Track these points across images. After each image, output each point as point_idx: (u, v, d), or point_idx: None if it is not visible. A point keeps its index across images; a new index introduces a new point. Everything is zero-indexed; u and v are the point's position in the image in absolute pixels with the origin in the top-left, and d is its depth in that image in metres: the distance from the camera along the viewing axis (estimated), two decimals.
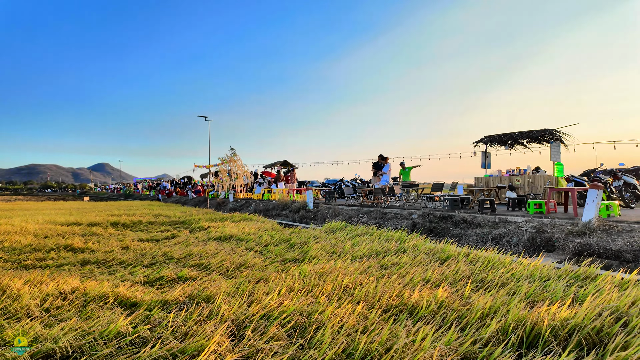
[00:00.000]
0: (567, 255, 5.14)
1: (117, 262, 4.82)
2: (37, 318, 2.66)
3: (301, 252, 5.23)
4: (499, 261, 4.20)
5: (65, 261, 4.86)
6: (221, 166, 22.58)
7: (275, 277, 3.72)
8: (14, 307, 2.80)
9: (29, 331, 2.29)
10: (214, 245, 5.79)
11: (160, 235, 7.32)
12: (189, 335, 2.32)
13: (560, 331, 2.35)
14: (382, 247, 5.25)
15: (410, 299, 2.92)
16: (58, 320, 2.63)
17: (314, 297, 3.07)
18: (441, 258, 4.53)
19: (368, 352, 2.13)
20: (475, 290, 3.30)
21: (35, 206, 20.32)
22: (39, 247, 5.86)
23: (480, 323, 2.53)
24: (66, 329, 2.34)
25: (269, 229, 7.80)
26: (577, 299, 2.94)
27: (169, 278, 3.90)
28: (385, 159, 13.18)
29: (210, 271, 4.26)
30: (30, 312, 2.76)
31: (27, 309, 2.79)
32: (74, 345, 2.16)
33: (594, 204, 5.85)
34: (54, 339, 2.20)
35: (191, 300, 3.05)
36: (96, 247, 5.88)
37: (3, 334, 2.31)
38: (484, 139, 12.68)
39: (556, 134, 11.26)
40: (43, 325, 2.46)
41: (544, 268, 3.83)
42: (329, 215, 10.58)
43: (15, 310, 2.77)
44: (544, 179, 10.69)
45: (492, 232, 6.47)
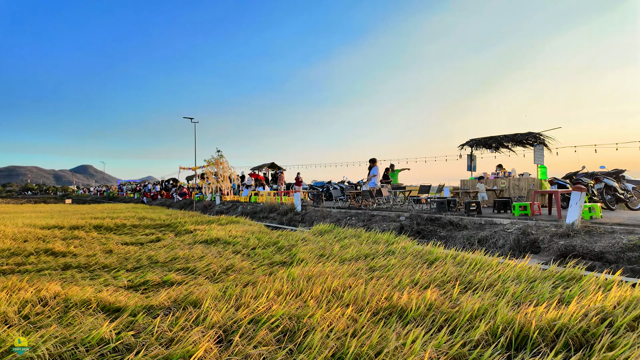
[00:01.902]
0: (552, 256, 5.22)
1: (100, 266, 4.70)
2: (15, 325, 2.55)
3: (289, 255, 5.19)
4: (486, 263, 4.24)
5: (45, 266, 4.71)
6: (207, 168, 22.32)
7: (264, 280, 3.67)
8: None
9: (6, 339, 2.20)
10: (200, 249, 5.70)
11: (145, 238, 7.17)
12: (175, 342, 2.26)
13: (548, 332, 2.37)
14: (371, 249, 5.24)
15: (399, 302, 2.91)
16: (37, 327, 2.53)
17: (303, 300, 3.04)
18: (429, 260, 4.54)
19: (358, 355, 2.11)
20: (464, 291, 3.31)
21: (15, 209, 19.73)
22: (18, 251, 5.67)
23: (470, 325, 2.53)
24: (45, 337, 2.25)
25: (257, 231, 7.73)
26: (564, 300, 2.98)
27: (154, 282, 3.81)
28: (374, 161, 13.24)
29: (196, 275, 4.19)
30: (7, 319, 2.65)
31: (4, 315, 2.68)
32: (54, 353, 2.08)
33: (577, 206, 5.96)
34: (33, 348, 2.12)
35: (177, 305, 2.98)
36: (78, 251, 5.72)
37: None
38: (470, 142, 12.84)
39: (540, 137, 11.48)
40: (21, 332, 2.36)
41: (530, 269, 3.88)
42: (317, 217, 10.55)
43: None
44: (528, 182, 10.87)
45: (479, 234, 6.54)
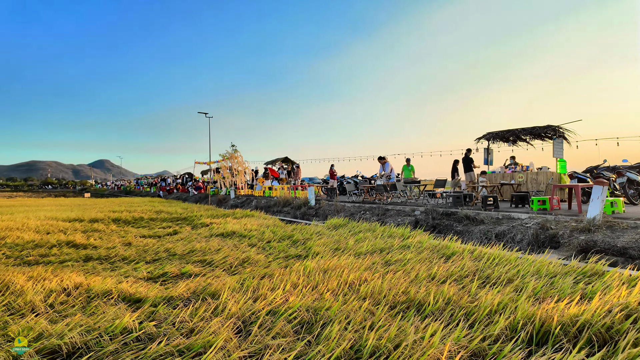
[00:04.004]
0: (572, 251, 5.12)
1: (120, 258, 4.80)
2: (41, 314, 2.64)
3: (304, 249, 5.21)
4: (505, 257, 4.18)
5: (67, 257, 4.84)
6: (222, 163, 22.54)
7: (280, 273, 3.69)
8: (17, 303, 2.78)
9: (34, 327, 2.27)
10: (217, 242, 5.77)
11: (163, 231, 7.30)
12: (195, 332, 2.30)
13: (570, 328, 2.32)
14: (386, 243, 5.22)
15: (416, 295, 2.90)
16: (62, 316, 2.61)
17: (319, 293, 3.05)
18: (446, 254, 4.50)
19: (377, 348, 2.10)
20: (482, 286, 3.27)
21: (36, 203, 20.31)
22: (41, 243, 5.84)
23: (489, 320, 2.50)
24: (71, 325, 2.32)
25: (271, 225, 7.78)
26: (586, 296, 2.92)
27: (172, 274, 3.88)
28: (383, 158, 13.18)
29: (213, 267, 4.24)
30: (34, 307, 2.74)
31: (31, 304, 2.77)
32: (80, 341, 2.13)
33: (599, 201, 5.81)
34: (60, 335, 2.18)
35: (196, 296, 3.03)
36: (98, 243, 5.86)
37: (7, 330, 2.29)
38: (487, 136, 12.63)
39: (559, 131, 11.22)
40: (48, 321, 2.44)
41: (551, 265, 3.81)
42: (331, 211, 10.56)
43: (19, 306, 2.75)
44: (547, 176, 10.65)
45: (496, 229, 6.44)
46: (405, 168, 13.70)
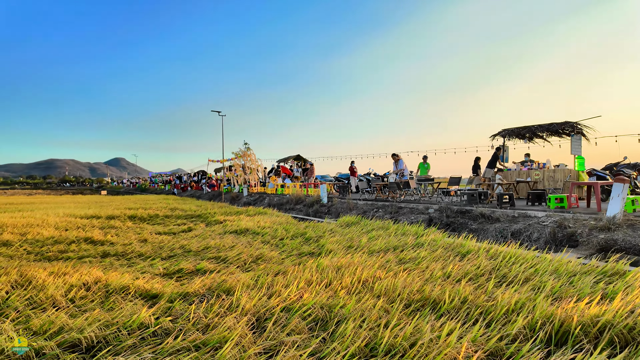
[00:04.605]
0: (591, 250, 5.00)
1: (136, 254, 4.89)
2: (62, 308, 2.70)
3: (317, 246, 5.21)
4: (521, 256, 4.10)
5: (86, 253, 4.95)
6: (235, 160, 22.70)
7: (293, 270, 3.70)
8: (39, 297, 2.85)
9: (55, 321, 2.32)
10: (231, 239, 5.82)
11: (177, 228, 7.39)
12: (211, 327, 2.33)
13: (590, 328, 2.27)
14: (400, 241, 5.18)
15: (431, 294, 2.87)
16: (82, 310, 2.67)
17: (333, 290, 3.05)
18: (461, 253, 4.45)
19: (392, 346, 2.09)
20: (498, 285, 3.22)
21: (55, 200, 20.80)
22: (60, 239, 5.98)
23: (506, 319, 2.46)
24: (90, 319, 2.37)
25: (284, 222, 7.81)
26: (607, 296, 2.85)
27: (187, 270, 3.93)
28: (396, 155, 13.09)
29: (228, 264, 4.28)
30: (55, 302, 2.81)
31: (52, 299, 2.84)
32: (99, 335, 2.18)
33: (619, 198, 5.66)
34: (79, 329, 2.23)
35: (211, 292, 3.06)
36: (115, 239, 5.97)
37: (30, 323, 2.35)
38: (502, 132, 12.40)
39: (577, 127, 10.95)
40: (68, 315, 2.49)
41: (569, 264, 3.73)
42: (343, 209, 10.54)
43: (40, 300, 2.82)
44: (564, 173, 10.42)
45: (512, 227, 6.34)
46: (422, 165, 13.55)
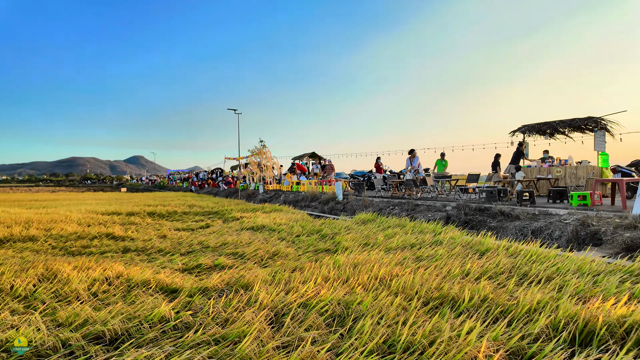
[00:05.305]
0: (616, 249, 4.85)
1: (156, 250, 4.98)
2: (86, 301, 2.78)
3: (333, 243, 5.21)
4: (542, 254, 4.01)
5: (107, 248, 5.07)
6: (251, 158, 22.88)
7: (310, 266, 3.71)
8: (64, 291, 2.94)
9: (80, 313, 2.39)
10: (247, 235, 5.88)
11: (195, 224, 7.51)
12: (230, 322, 2.35)
13: (616, 329, 2.20)
14: (417, 239, 5.14)
15: (450, 292, 2.83)
16: (105, 304, 2.74)
17: (350, 287, 3.04)
18: (480, 251, 4.38)
19: (410, 344, 2.08)
20: (519, 284, 3.16)
21: (77, 197, 21.39)
22: (83, 235, 6.15)
23: (528, 318, 2.41)
24: (113, 313, 2.43)
25: (300, 219, 7.83)
26: (634, 296, 2.76)
27: (206, 266, 3.99)
28: (413, 152, 12.96)
29: (245, 260, 4.32)
30: (79, 295, 2.89)
31: (76, 292, 2.92)
32: (122, 328, 2.23)
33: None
34: (103, 322, 2.29)
35: (229, 287, 3.10)
36: (135, 235, 6.10)
37: (56, 315, 2.42)
38: (522, 128, 12.15)
39: (601, 122, 10.63)
40: (92, 308, 2.56)
41: (593, 262, 3.62)
42: (359, 206, 10.50)
43: (65, 293, 2.91)
44: (587, 170, 10.14)
45: (532, 225, 6.20)
46: (439, 162, 13.35)
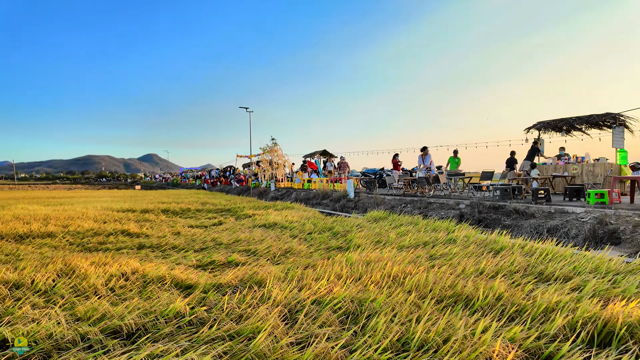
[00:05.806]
0: (635, 248, 4.74)
1: (170, 246, 5.05)
2: (103, 296, 2.83)
3: (345, 241, 5.21)
4: (558, 253, 3.94)
5: (123, 245, 5.16)
6: (263, 156, 23.00)
7: (322, 264, 3.72)
8: (82, 286, 3.00)
9: (98, 308, 2.44)
10: (260, 232, 5.91)
11: (208, 222, 7.59)
12: (244, 318, 2.37)
13: (637, 329, 2.15)
14: (430, 237, 5.10)
15: (464, 290, 2.81)
16: (122, 299, 2.79)
17: (363, 284, 3.04)
18: (494, 249, 4.33)
19: (424, 342, 2.07)
20: (535, 283, 3.11)
21: (93, 194, 21.80)
22: (99, 231, 6.27)
23: (544, 317, 2.38)
24: (130, 308, 2.47)
25: (311, 217, 7.85)
26: None
27: (219, 262, 4.03)
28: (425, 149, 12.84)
29: (258, 257, 4.35)
30: (97, 290, 2.95)
31: (94, 287, 2.98)
32: (138, 323, 2.27)
33: None
34: (120, 317, 2.33)
35: (243, 283, 3.13)
36: (150, 232, 6.19)
37: (75, 309, 2.48)
38: (537, 125, 11.93)
39: (619, 119, 10.37)
40: (109, 303, 2.61)
41: (611, 262, 3.55)
42: (371, 204, 10.47)
43: (83, 288, 2.97)
44: (605, 168, 9.91)
45: (548, 223, 6.10)
46: (452, 160, 13.21)
